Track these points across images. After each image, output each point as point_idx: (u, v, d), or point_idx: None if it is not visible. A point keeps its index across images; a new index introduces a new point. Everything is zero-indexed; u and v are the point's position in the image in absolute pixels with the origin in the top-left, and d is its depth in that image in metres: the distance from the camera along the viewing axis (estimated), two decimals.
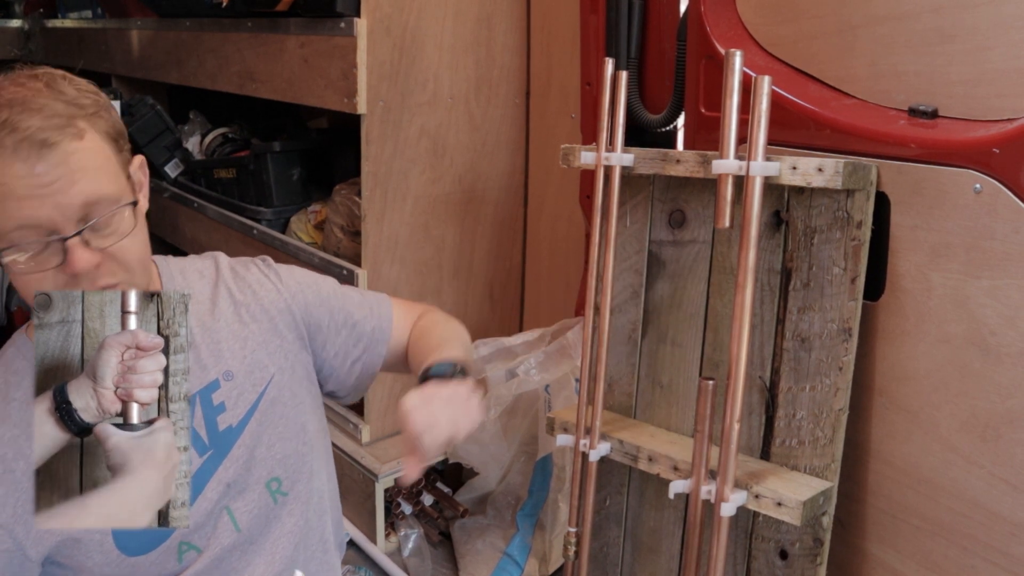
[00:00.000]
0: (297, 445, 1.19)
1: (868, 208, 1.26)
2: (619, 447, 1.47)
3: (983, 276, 1.19)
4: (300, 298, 1.21)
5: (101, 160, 0.94)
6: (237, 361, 1.16)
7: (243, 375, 1.16)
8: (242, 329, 1.17)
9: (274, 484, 1.18)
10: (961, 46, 1.20)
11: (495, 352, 2.06)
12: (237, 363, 1.16)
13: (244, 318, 1.17)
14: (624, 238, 1.54)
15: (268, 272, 1.22)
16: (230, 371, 1.17)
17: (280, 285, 1.21)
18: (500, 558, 2.02)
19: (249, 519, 1.15)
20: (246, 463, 1.14)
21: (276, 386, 1.17)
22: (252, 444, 1.16)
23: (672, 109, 1.75)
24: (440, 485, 2.25)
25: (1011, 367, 1.17)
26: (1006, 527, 1.20)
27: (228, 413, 1.15)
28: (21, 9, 4.12)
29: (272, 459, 1.17)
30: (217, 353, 1.16)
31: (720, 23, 1.50)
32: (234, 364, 1.16)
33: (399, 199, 2.06)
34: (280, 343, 1.18)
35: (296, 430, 1.19)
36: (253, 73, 2.24)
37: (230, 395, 1.15)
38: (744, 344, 1.24)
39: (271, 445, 1.17)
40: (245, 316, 1.17)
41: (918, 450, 1.29)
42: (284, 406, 1.18)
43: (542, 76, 2.19)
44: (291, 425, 1.18)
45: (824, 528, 1.31)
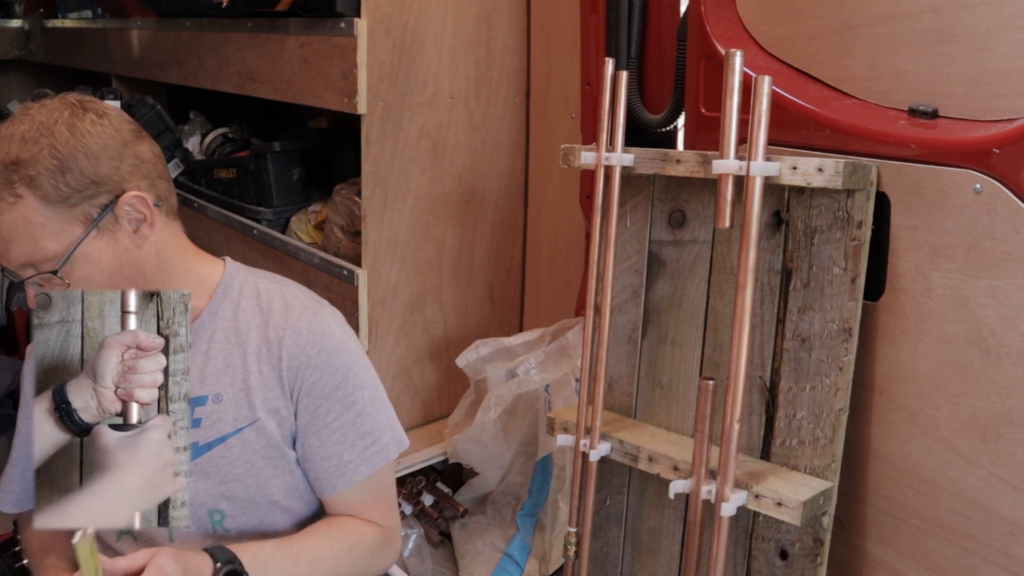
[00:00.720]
0: (253, 495, 1.17)
1: (868, 208, 1.26)
2: (619, 447, 1.47)
3: (983, 276, 1.19)
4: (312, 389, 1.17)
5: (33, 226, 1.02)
6: (234, 390, 1.16)
7: (231, 405, 1.16)
8: (255, 365, 1.16)
9: (216, 515, 1.18)
10: (961, 46, 1.20)
11: (495, 352, 2.06)
12: (232, 391, 1.16)
13: (262, 357, 1.16)
14: (624, 238, 1.54)
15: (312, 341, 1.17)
16: (221, 395, 1.16)
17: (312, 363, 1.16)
18: (500, 558, 2.02)
19: (183, 535, 1.16)
20: (193, 487, 1.14)
21: (255, 431, 1.16)
22: (207, 470, 1.16)
23: (672, 109, 1.75)
24: (440, 485, 2.25)
25: (1011, 367, 1.17)
26: (1006, 527, 1.20)
27: (200, 431, 1.15)
28: (21, 9, 4.12)
29: (220, 494, 1.16)
30: (220, 372, 1.16)
31: (720, 23, 1.50)
32: (229, 391, 1.16)
33: (399, 199, 2.06)
34: (280, 397, 1.17)
35: (256, 481, 1.17)
36: (253, 73, 2.24)
37: (210, 416, 1.16)
38: (744, 344, 1.24)
39: (224, 480, 1.16)
40: (263, 356, 1.16)
41: (918, 450, 1.29)
42: (253, 454, 1.16)
43: (542, 76, 2.19)
44: (253, 474, 1.17)
45: (824, 528, 1.31)
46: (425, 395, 2.27)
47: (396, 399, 2.21)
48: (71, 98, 1.09)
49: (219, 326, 1.18)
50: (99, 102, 1.10)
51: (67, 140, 1.03)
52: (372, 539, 1.20)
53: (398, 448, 1.23)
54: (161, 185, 1.13)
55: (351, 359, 1.20)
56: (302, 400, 1.17)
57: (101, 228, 1.06)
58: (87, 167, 1.04)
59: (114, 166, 1.06)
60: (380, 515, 1.22)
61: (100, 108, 1.09)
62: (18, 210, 1.02)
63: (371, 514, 1.22)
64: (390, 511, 1.24)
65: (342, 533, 1.19)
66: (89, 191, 1.04)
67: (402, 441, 1.24)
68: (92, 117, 1.06)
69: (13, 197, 1.01)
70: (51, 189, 1.01)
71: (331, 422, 1.18)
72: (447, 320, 2.26)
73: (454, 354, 2.09)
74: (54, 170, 1.01)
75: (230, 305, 1.19)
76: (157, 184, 1.12)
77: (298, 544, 1.15)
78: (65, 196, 1.03)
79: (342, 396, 1.18)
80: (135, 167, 1.08)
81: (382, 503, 1.23)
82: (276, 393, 1.16)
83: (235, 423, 1.15)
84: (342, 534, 1.18)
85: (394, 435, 1.23)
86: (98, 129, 1.06)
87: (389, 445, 1.22)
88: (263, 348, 1.16)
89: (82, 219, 1.05)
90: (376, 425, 1.21)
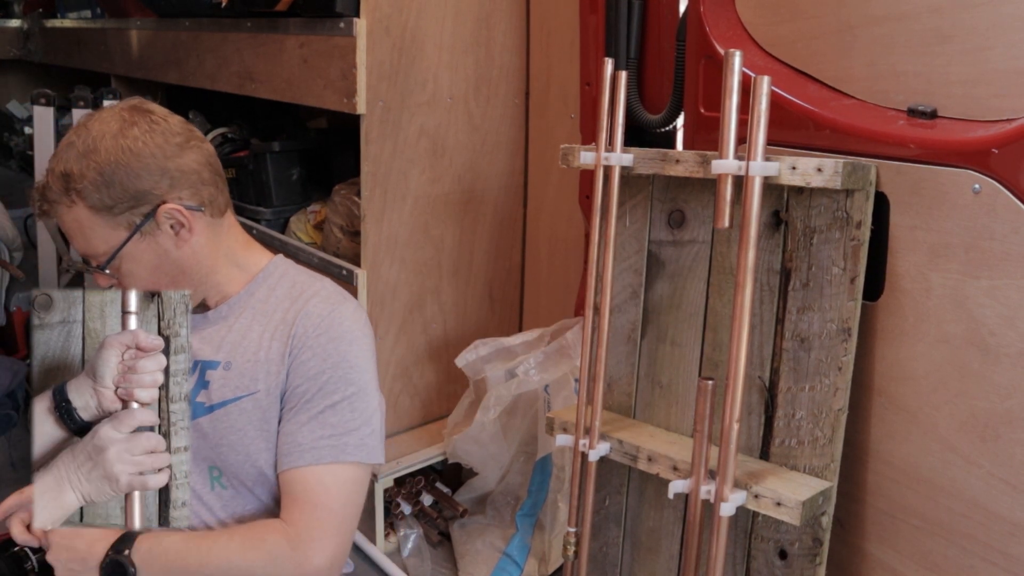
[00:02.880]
0: (243, 463, 1.22)
1: (867, 208, 1.26)
2: (618, 447, 1.47)
3: (982, 276, 1.19)
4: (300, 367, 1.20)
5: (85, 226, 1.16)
6: (242, 360, 1.22)
7: (237, 374, 1.22)
8: (269, 340, 1.22)
9: (215, 472, 1.24)
10: (960, 46, 1.20)
11: (495, 352, 2.06)
12: (241, 361, 1.22)
13: (276, 335, 1.22)
14: (624, 238, 1.54)
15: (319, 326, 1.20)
16: (231, 363, 1.22)
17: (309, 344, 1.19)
18: (499, 558, 2.02)
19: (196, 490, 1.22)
20: (196, 441, 1.21)
21: (252, 401, 1.20)
22: (207, 430, 1.22)
23: (671, 109, 1.75)
24: (439, 485, 2.25)
25: (1010, 367, 1.17)
26: (1005, 527, 1.20)
27: (207, 392, 1.22)
28: (20, 9, 4.12)
29: (216, 455, 1.23)
30: (235, 344, 1.23)
31: (719, 23, 1.50)
32: (238, 361, 1.22)
33: (398, 199, 2.06)
34: (278, 372, 1.21)
35: (247, 451, 1.21)
36: (252, 73, 2.24)
37: (217, 381, 1.22)
38: (743, 344, 1.24)
39: (218, 444, 1.22)
40: (277, 334, 1.22)
41: (917, 450, 1.29)
42: (247, 423, 1.21)
43: (541, 76, 2.19)
44: (244, 443, 1.21)
45: (823, 528, 1.31)
46: (424, 395, 2.27)
47: (396, 399, 2.21)
48: (128, 106, 1.20)
49: (249, 304, 1.25)
50: (155, 111, 1.20)
51: (110, 158, 1.14)
52: (273, 543, 1.11)
53: (362, 455, 1.17)
54: (206, 191, 1.21)
55: (351, 354, 1.19)
56: (289, 375, 1.20)
57: (143, 232, 1.17)
58: (128, 183, 1.14)
59: (153, 181, 1.16)
60: (303, 518, 1.13)
61: (150, 120, 1.18)
62: (73, 213, 1.16)
63: (295, 513, 1.14)
64: (316, 519, 1.13)
65: (244, 534, 1.14)
66: (130, 203, 1.15)
67: (372, 452, 1.19)
68: (136, 133, 1.15)
69: (69, 202, 1.15)
70: (96, 200, 1.14)
71: (303, 403, 1.18)
72: (446, 320, 2.26)
73: (453, 354, 2.09)
74: (98, 184, 1.14)
75: (265, 290, 1.26)
76: (201, 190, 1.20)
77: (198, 539, 1.14)
78: (109, 206, 1.14)
79: (324, 382, 1.18)
80: (175, 180, 1.17)
81: (312, 506, 1.13)
82: (277, 368, 1.20)
83: (236, 391, 1.20)
84: (243, 534, 1.14)
85: (363, 441, 1.18)
86: (140, 146, 1.15)
87: (350, 446, 1.16)
88: (280, 327, 1.22)
89: (126, 225, 1.16)
90: (345, 423, 1.17)
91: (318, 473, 1.15)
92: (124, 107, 1.19)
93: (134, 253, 1.17)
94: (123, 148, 1.14)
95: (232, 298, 1.26)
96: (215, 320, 1.25)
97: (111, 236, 1.16)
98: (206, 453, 1.22)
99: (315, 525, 1.12)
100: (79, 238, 1.18)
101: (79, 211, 1.15)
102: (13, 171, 4.32)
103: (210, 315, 1.26)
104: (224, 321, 1.25)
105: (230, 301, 1.26)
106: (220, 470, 1.23)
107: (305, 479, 1.15)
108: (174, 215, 1.17)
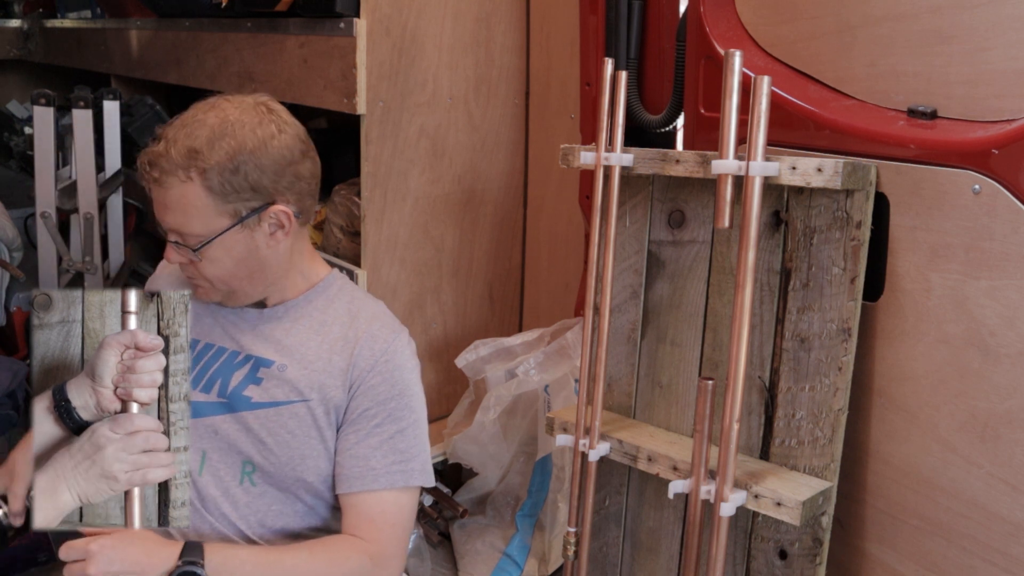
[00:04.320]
0: (284, 464, 1.22)
1: (867, 208, 1.26)
2: (618, 447, 1.47)
3: (982, 277, 1.19)
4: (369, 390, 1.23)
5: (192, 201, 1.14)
6: (299, 366, 1.23)
7: (292, 378, 1.23)
8: (327, 354, 1.24)
9: (248, 467, 1.24)
10: (960, 47, 1.20)
11: (495, 352, 2.06)
12: (297, 368, 1.23)
13: (335, 348, 1.24)
14: (624, 238, 1.54)
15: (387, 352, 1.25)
16: (286, 366, 1.24)
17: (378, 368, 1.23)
18: (499, 558, 2.02)
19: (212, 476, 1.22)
20: (235, 434, 1.22)
21: (306, 408, 1.22)
22: (252, 425, 1.22)
23: (671, 109, 1.75)
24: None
25: (1010, 368, 1.17)
26: (1005, 527, 1.20)
27: (257, 389, 1.23)
28: (20, 9, 4.12)
29: (256, 451, 1.22)
30: (293, 348, 1.24)
31: (719, 23, 1.50)
32: (295, 366, 1.23)
33: (399, 199, 2.06)
34: (337, 387, 1.23)
35: (290, 455, 1.22)
36: (252, 73, 2.24)
37: (271, 380, 1.23)
38: (744, 344, 1.24)
39: (263, 440, 1.22)
40: (337, 348, 1.24)
41: (917, 450, 1.29)
42: (296, 427, 1.22)
43: (541, 76, 2.19)
44: (292, 446, 1.22)
45: (823, 528, 1.31)
46: (424, 395, 2.27)
47: None
48: (261, 101, 1.20)
49: (307, 312, 1.27)
50: (282, 112, 1.21)
51: (245, 146, 1.14)
52: (357, 563, 1.18)
53: (423, 479, 1.25)
54: (307, 202, 1.23)
55: (411, 382, 1.27)
56: (356, 397, 1.23)
57: (244, 225, 1.17)
58: (253, 175, 1.15)
59: (274, 180, 1.17)
60: (381, 538, 1.21)
61: (281, 120, 1.19)
62: (184, 189, 1.14)
63: (373, 532, 1.21)
64: (393, 538, 1.22)
65: (326, 551, 1.18)
66: (246, 194, 1.15)
67: (429, 477, 1.26)
68: (273, 130, 1.17)
69: (185, 177, 1.13)
70: (216, 183, 1.13)
71: (373, 426, 1.23)
72: (446, 320, 2.26)
73: (453, 354, 2.09)
74: (225, 169, 1.13)
75: (324, 300, 1.29)
76: (304, 200, 1.22)
77: (276, 554, 1.17)
78: (225, 193, 1.14)
79: (392, 408, 1.23)
80: (291, 184, 1.19)
81: (389, 526, 1.22)
82: (337, 383, 1.23)
83: (289, 395, 1.22)
84: (326, 552, 1.18)
85: (424, 467, 1.25)
86: (274, 143, 1.16)
87: (416, 471, 1.24)
88: (339, 342, 1.24)
89: (232, 214, 1.16)
90: (412, 449, 1.24)
91: (392, 496, 1.22)
92: (258, 101, 1.20)
93: (227, 242, 1.17)
94: (260, 140, 1.15)
95: (290, 301, 1.27)
96: (270, 319, 1.27)
97: (214, 221, 1.15)
98: (244, 448, 1.22)
99: (393, 543, 1.22)
100: (177, 213, 1.15)
101: (192, 188, 1.13)
102: (13, 171, 4.32)
103: (266, 312, 1.27)
104: (279, 322, 1.26)
105: (287, 303, 1.27)
106: (255, 466, 1.23)
107: (382, 502, 1.21)
108: (280, 217, 1.18)
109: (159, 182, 1.14)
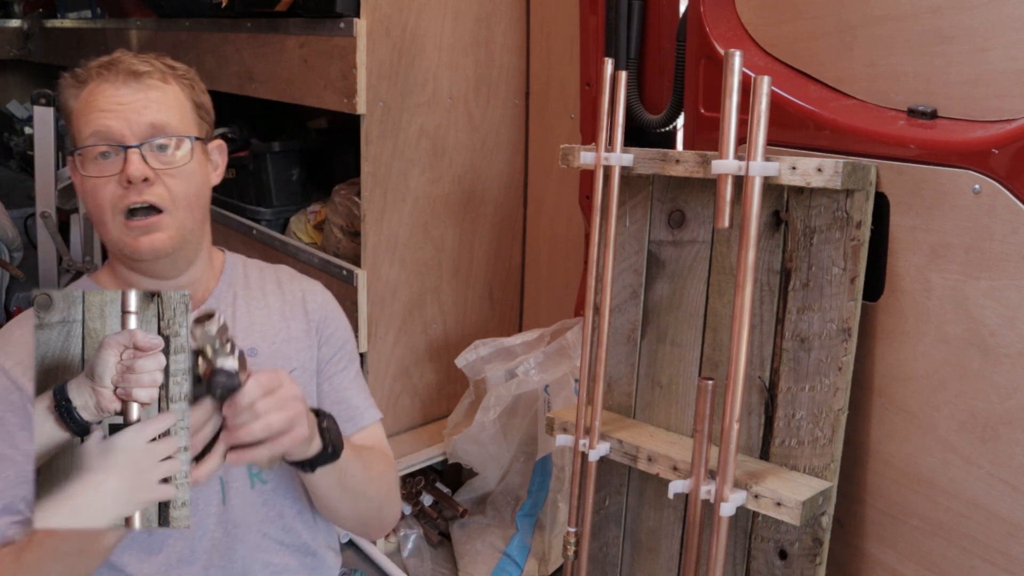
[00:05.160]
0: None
1: (867, 208, 1.26)
2: (618, 447, 1.47)
3: (982, 277, 1.19)
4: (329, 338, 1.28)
5: (175, 103, 1.12)
6: (266, 344, 1.23)
7: (267, 358, 1.22)
8: (280, 321, 1.25)
9: (255, 468, 1.22)
10: (960, 47, 1.21)
11: (495, 352, 2.06)
12: (265, 346, 1.23)
13: (287, 314, 1.25)
14: (623, 238, 1.54)
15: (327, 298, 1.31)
16: (255, 349, 1.22)
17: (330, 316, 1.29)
18: (499, 558, 2.02)
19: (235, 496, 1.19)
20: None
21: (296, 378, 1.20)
22: None
23: (672, 109, 1.75)
24: (439, 485, 2.25)
25: (1010, 368, 1.17)
26: (1005, 527, 1.20)
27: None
28: (20, 9, 4.12)
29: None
30: (249, 329, 1.23)
31: (719, 23, 1.50)
32: (262, 345, 1.23)
33: (398, 199, 2.07)
34: (309, 346, 1.25)
35: None
36: (252, 73, 2.24)
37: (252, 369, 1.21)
38: (744, 344, 1.24)
39: None
40: (288, 313, 1.26)
41: (917, 450, 1.29)
42: None
43: (541, 76, 2.19)
44: None
45: (823, 528, 1.31)
46: (424, 395, 2.27)
47: (396, 399, 2.21)
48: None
49: (237, 293, 1.26)
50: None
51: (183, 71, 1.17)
52: (394, 467, 1.30)
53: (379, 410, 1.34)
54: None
55: (347, 322, 1.33)
56: (321, 348, 1.26)
57: (202, 150, 1.17)
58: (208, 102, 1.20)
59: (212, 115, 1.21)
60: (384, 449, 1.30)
61: None
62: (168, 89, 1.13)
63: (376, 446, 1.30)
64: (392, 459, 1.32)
65: (380, 453, 1.28)
66: (207, 117, 1.19)
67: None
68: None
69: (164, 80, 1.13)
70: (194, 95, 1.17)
71: (342, 370, 1.27)
72: (446, 320, 2.26)
73: (453, 354, 2.09)
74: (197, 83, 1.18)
75: (240, 278, 1.28)
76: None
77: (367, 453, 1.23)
78: (197, 107, 1.17)
79: (350, 350, 1.29)
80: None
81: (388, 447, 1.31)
82: (306, 343, 1.24)
83: None
84: (380, 453, 1.27)
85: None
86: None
87: (377, 404, 1.32)
88: (286, 307, 1.26)
89: (200, 130, 1.17)
90: (366, 385, 1.32)
91: (376, 428, 1.30)
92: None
93: (195, 167, 1.13)
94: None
95: (215, 290, 1.24)
96: None
97: (192, 129, 1.15)
98: None
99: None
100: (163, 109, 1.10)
101: (173, 91, 1.13)
102: (13, 171, 4.32)
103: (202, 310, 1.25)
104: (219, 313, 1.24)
105: (215, 294, 1.23)
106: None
107: (371, 436, 1.28)
108: (220, 152, 1.21)
109: (137, 77, 1.09)
